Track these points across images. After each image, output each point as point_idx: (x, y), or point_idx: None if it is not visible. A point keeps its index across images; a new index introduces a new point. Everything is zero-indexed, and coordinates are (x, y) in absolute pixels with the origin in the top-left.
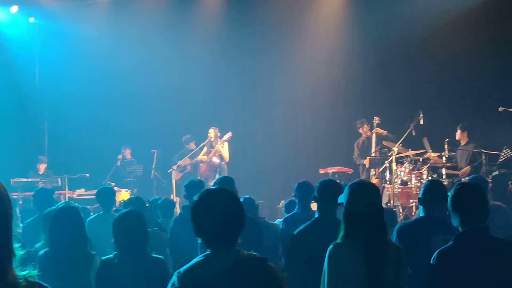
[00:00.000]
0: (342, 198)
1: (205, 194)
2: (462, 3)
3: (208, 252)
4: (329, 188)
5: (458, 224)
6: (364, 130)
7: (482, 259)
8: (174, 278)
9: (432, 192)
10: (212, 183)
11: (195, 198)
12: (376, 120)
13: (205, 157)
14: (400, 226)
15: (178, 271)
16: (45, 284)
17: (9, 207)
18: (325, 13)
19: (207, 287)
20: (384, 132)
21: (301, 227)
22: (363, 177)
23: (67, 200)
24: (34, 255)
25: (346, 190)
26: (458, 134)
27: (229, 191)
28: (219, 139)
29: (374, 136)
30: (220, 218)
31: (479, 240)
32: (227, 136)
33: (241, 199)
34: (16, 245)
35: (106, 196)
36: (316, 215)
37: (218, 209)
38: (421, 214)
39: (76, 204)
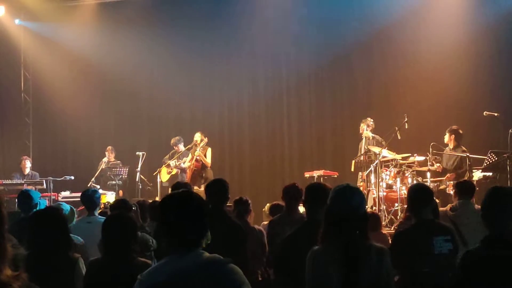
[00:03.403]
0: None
1: (166, 199)
2: (446, 9)
3: (170, 255)
4: (317, 193)
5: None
6: (361, 128)
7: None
8: (137, 282)
9: (419, 198)
10: (197, 188)
11: (160, 202)
12: (365, 122)
13: (187, 163)
14: (397, 234)
15: (140, 274)
16: (37, 287)
17: (3, 209)
18: (312, 11)
19: None
20: (370, 137)
21: (291, 231)
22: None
23: (52, 203)
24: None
25: (330, 193)
26: (446, 138)
27: (191, 194)
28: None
29: (363, 139)
30: (179, 222)
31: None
32: (203, 142)
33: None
34: (9, 245)
35: (90, 198)
36: (306, 219)
37: (176, 213)
38: (414, 220)
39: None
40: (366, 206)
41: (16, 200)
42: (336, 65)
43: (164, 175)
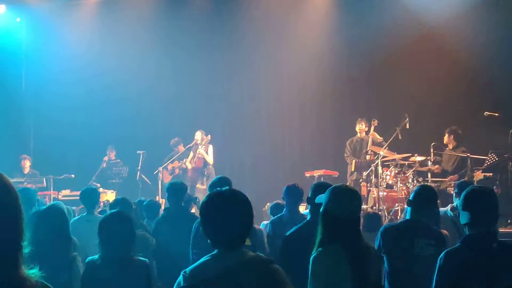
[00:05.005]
0: (320, 199)
1: (214, 195)
2: (447, 10)
3: (214, 252)
4: (324, 191)
5: (466, 223)
6: (358, 128)
7: (489, 263)
8: (180, 277)
9: (422, 197)
10: (199, 186)
11: (205, 199)
12: (374, 122)
13: (189, 164)
14: (384, 228)
15: (184, 270)
16: (49, 285)
17: (19, 203)
18: (313, 14)
19: (212, 286)
20: (380, 139)
21: (293, 229)
22: (354, 177)
23: (52, 201)
24: None
25: (327, 194)
26: (445, 138)
27: (238, 192)
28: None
29: (370, 139)
30: (227, 219)
31: (487, 244)
32: (206, 139)
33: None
34: (24, 242)
35: (89, 197)
36: (308, 217)
37: (226, 210)
38: (407, 217)
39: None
40: (366, 206)
41: None
42: (337, 65)
43: (167, 178)
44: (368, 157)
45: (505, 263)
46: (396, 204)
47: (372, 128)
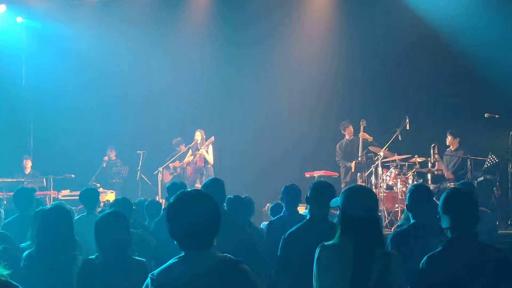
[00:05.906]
0: (335, 202)
1: (180, 197)
2: (447, 10)
3: (182, 254)
4: (323, 190)
5: (447, 227)
6: (347, 131)
7: (471, 265)
8: (148, 280)
9: (418, 197)
10: (198, 185)
11: (171, 200)
12: (363, 123)
13: (191, 157)
14: (394, 234)
15: (151, 273)
16: (16, 284)
17: None
18: (313, 16)
19: None
20: (370, 138)
21: (293, 229)
22: (347, 179)
23: (52, 201)
24: (17, 254)
25: (343, 194)
26: (448, 140)
27: (205, 193)
28: (205, 142)
29: (360, 140)
30: (194, 220)
31: (468, 246)
32: (209, 141)
33: (243, 197)
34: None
35: (89, 197)
36: (308, 217)
37: (192, 211)
38: (412, 221)
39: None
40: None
41: (12, 197)
42: (338, 66)
43: (167, 177)
44: (360, 158)
45: (487, 265)
46: (396, 205)
47: (361, 128)
